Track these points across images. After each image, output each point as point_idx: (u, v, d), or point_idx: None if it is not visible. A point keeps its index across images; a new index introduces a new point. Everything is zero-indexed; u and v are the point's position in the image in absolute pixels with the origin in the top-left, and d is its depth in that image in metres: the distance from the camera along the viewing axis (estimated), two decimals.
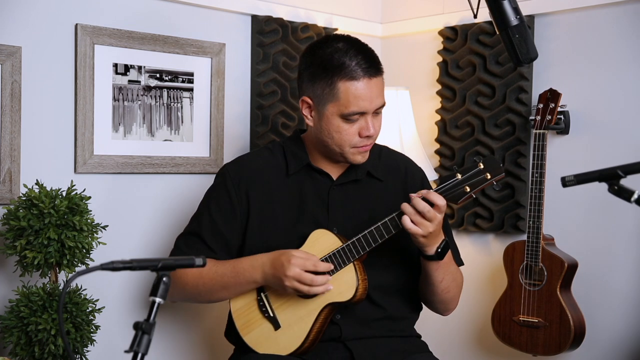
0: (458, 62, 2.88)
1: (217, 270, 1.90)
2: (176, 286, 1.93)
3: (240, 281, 1.88)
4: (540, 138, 2.47)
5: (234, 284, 1.89)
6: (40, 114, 2.23)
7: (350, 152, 1.88)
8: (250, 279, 1.87)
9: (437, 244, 1.83)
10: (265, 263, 1.85)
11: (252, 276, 1.87)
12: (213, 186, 2.02)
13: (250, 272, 1.87)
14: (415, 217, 1.76)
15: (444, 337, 2.96)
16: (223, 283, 1.89)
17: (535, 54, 1.84)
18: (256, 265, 1.86)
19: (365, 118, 1.85)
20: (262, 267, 1.85)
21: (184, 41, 2.52)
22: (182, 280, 1.93)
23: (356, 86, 1.81)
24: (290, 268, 1.78)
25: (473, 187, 1.79)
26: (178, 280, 1.93)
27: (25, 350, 1.99)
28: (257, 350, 1.90)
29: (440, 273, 1.90)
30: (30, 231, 1.96)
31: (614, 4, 2.49)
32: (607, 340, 2.53)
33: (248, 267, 1.87)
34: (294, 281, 1.78)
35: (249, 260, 1.89)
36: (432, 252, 1.84)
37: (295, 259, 1.79)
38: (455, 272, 1.98)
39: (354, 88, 1.81)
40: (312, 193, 1.95)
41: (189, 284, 1.93)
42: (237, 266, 1.89)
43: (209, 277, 1.90)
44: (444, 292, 1.95)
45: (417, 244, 1.82)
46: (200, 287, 1.92)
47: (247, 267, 1.87)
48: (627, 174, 1.41)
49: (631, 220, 2.46)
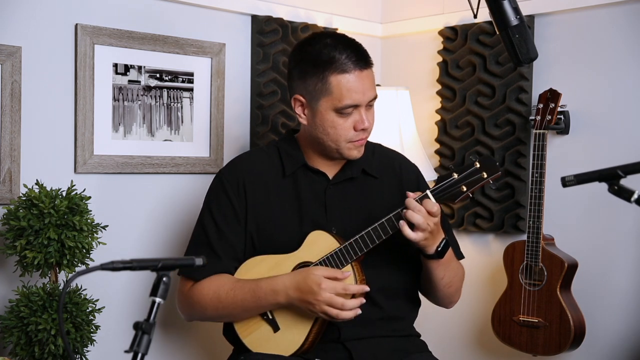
0: (458, 62, 2.88)
1: (236, 296, 1.86)
2: (195, 310, 1.93)
3: (262, 304, 1.85)
4: (540, 138, 2.47)
5: (256, 307, 1.86)
6: (40, 114, 2.23)
7: (346, 147, 1.88)
8: (272, 302, 1.84)
9: (437, 243, 1.83)
10: (288, 287, 1.81)
11: (275, 300, 1.83)
12: (211, 192, 1.99)
13: (272, 297, 1.83)
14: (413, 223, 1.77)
15: (443, 336, 2.96)
16: (244, 307, 1.86)
17: (535, 54, 1.84)
18: (278, 289, 1.82)
19: (359, 111, 1.85)
20: (285, 291, 1.81)
21: (184, 41, 2.52)
22: (202, 305, 1.90)
23: (348, 79, 1.81)
24: (321, 294, 1.75)
25: (469, 186, 1.79)
26: (197, 304, 1.91)
27: (25, 350, 1.99)
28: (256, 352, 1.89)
29: (442, 270, 1.90)
30: (30, 231, 1.96)
31: (614, 4, 2.49)
32: (607, 340, 2.53)
33: (269, 291, 1.83)
34: (325, 306, 1.76)
35: (268, 283, 1.84)
36: (432, 251, 1.84)
37: (326, 284, 1.75)
38: (456, 267, 1.98)
39: (346, 81, 1.81)
40: (309, 193, 1.95)
41: (208, 309, 1.90)
42: (257, 291, 1.84)
43: (228, 302, 1.87)
44: (446, 287, 1.95)
45: (417, 245, 1.82)
46: (221, 311, 1.89)
47: (269, 291, 1.83)
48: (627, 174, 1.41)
49: (631, 221, 2.46)
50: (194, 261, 1.35)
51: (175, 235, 2.55)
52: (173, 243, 2.54)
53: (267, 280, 1.85)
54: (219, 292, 1.88)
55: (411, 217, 1.76)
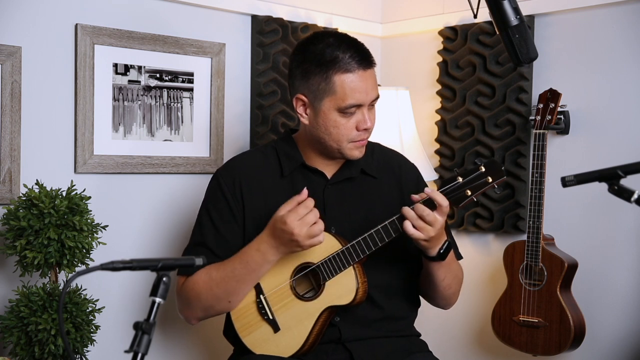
0: (458, 62, 2.88)
1: (226, 268, 1.86)
2: (191, 301, 1.92)
3: (253, 268, 1.84)
4: (540, 138, 2.47)
5: (248, 274, 1.85)
6: (40, 114, 2.23)
7: (348, 147, 1.88)
8: (261, 261, 1.83)
9: (440, 245, 1.83)
10: (267, 240, 1.82)
11: (263, 258, 1.83)
12: (208, 193, 1.99)
13: (259, 256, 1.83)
14: (417, 221, 1.75)
15: (444, 336, 2.96)
16: (236, 278, 1.85)
17: (535, 54, 1.84)
18: (261, 247, 1.82)
19: (362, 111, 1.85)
20: (267, 244, 1.81)
21: (184, 41, 2.52)
22: (195, 291, 1.90)
23: (351, 78, 1.81)
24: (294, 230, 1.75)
25: (474, 190, 1.78)
26: (191, 292, 1.90)
27: (25, 350, 1.99)
28: (257, 352, 1.89)
29: (442, 272, 1.90)
30: (30, 231, 1.96)
31: (614, 4, 2.49)
32: (607, 340, 2.53)
33: (254, 252, 1.83)
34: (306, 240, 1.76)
35: (251, 246, 1.85)
36: (434, 253, 1.83)
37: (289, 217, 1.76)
38: (456, 269, 1.98)
39: (350, 80, 1.81)
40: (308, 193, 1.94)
41: (202, 292, 1.89)
42: (243, 257, 1.85)
43: (219, 278, 1.87)
44: (445, 289, 1.95)
45: (419, 246, 1.82)
46: (215, 289, 1.88)
47: (254, 252, 1.84)
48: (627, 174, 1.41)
49: (631, 221, 2.46)
50: (194, 261, 1.35)
51: (175, 235, 2.55)
52: (173, 243, 2.54)
53: (249, 244, 1.86)
54: (209, 272, 1.88)
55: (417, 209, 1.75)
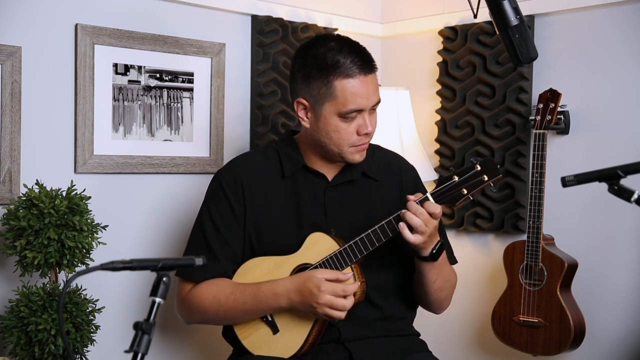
0: (458, 62, 2.88)
1: (237, 299, 1.86)
2: (194, 313, 1.93)
3: (263, 308, 1.85)
4: (540, 138, 2.47)
5: (257, 311, 1.86)
6: (40, 114, 2.23)
7: (348, 151, 1.88)
8: (274, 305, 1.83)
9: (432, 245, 1.83)
10: (289, 290, 1.81)
11: (276, 303, 1.83)
12: (209, 194, 1.98)
13: (274, 300, 1.82)
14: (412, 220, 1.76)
15: (443, 336, 2.96)
16: (245, 311, 1.86)
17: (535, 54, 1.84)
18: (279, 292, 1.82)
19: (363, 116, 1.85)
20: (286, 294, 1.81)
21: (184, 41, 2.52)
22: (201, 308, 1.90)
23: (352, 84, 1.81)
24: (321, 296, 1.75)
25: (470, 189, 1.78)
26: (196, 308, 1.91)
27: (25, 350, 1.99)
28: (256, 354, 1.89)
29: (434, 273, 1.90)
30: (30, 231, 1.96)
31: (614, 4, 2.49)
32: (607, 340, 2.53)
33: (271, 295, 1.83)
34: (326, 308, 1.76)
35: (269, 287, 1.84)
36: (427, 253, 1.83)
37: (325, 286, 1.75)
38: (449, 273, 1.98)
39: (351, 85, 1.81)
40: (308, 195, 1.94)
41: (208, 312, 1.90)
42: (258, 294, 1.84)
43: (229, 306, 1.86)
44: (437, 292, 1.94)
45: (413, 247, 1.82)
46: (221, 314, 1.89)
47: (270, 295, 1.83)
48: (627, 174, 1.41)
49: (631, 221, 2.46)
50: (193, 261, 1.35)
51: (175, 235, 2.55)
52: (173, 243, 2.54)
53: (268, 283, 1.84)
54: (218, 295, 1.87)
55: (410, 220, 1.76)
